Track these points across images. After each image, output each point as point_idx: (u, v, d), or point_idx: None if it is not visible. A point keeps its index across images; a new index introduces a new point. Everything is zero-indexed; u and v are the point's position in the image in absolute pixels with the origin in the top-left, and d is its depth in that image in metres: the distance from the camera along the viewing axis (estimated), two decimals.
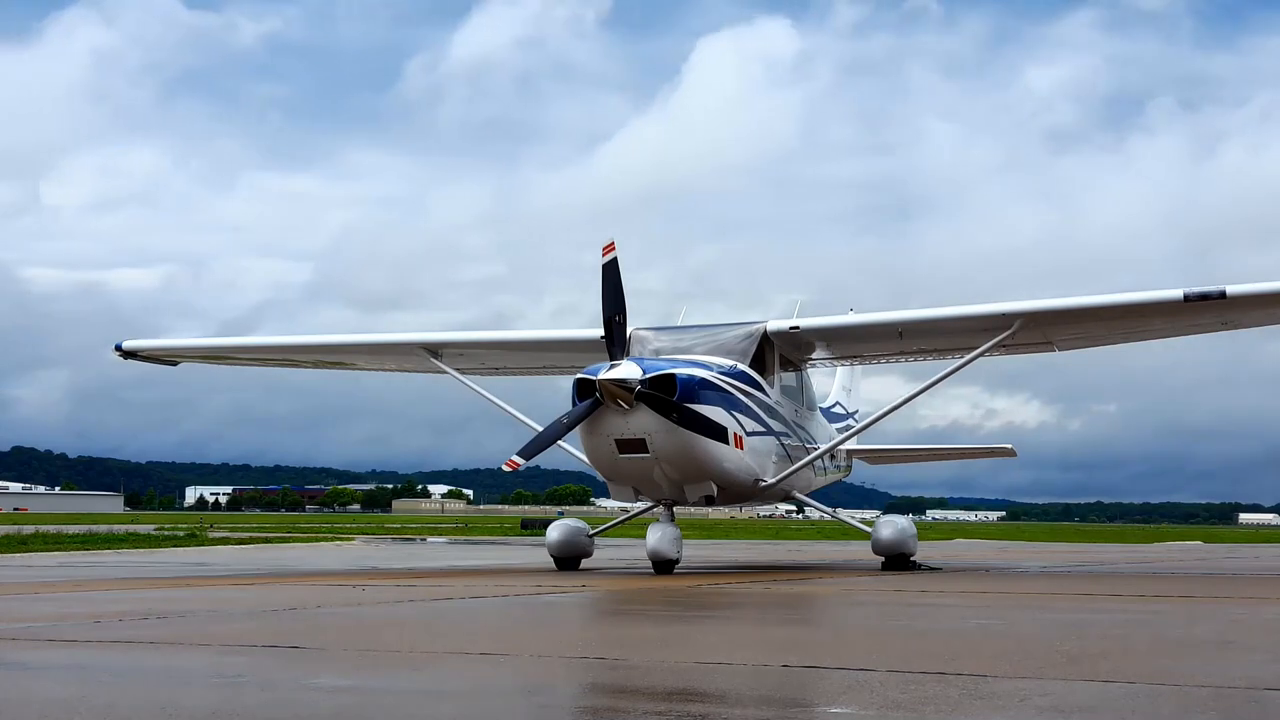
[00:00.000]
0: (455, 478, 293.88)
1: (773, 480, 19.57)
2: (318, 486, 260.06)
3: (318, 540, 38.06)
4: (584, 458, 18.45)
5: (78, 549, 27.95)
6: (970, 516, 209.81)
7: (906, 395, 21.61)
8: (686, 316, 21.24)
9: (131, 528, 46.59)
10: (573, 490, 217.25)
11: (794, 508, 32.65)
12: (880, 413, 22.75)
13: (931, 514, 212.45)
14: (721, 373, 18.23)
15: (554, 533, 20.09)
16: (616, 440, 17.15)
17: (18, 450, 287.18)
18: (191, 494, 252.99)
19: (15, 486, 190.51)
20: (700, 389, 17.44)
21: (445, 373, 22.57)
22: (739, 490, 19.11)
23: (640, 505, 20.53)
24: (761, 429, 19.16)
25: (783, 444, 20.15)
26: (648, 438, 17.03)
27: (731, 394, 18.21)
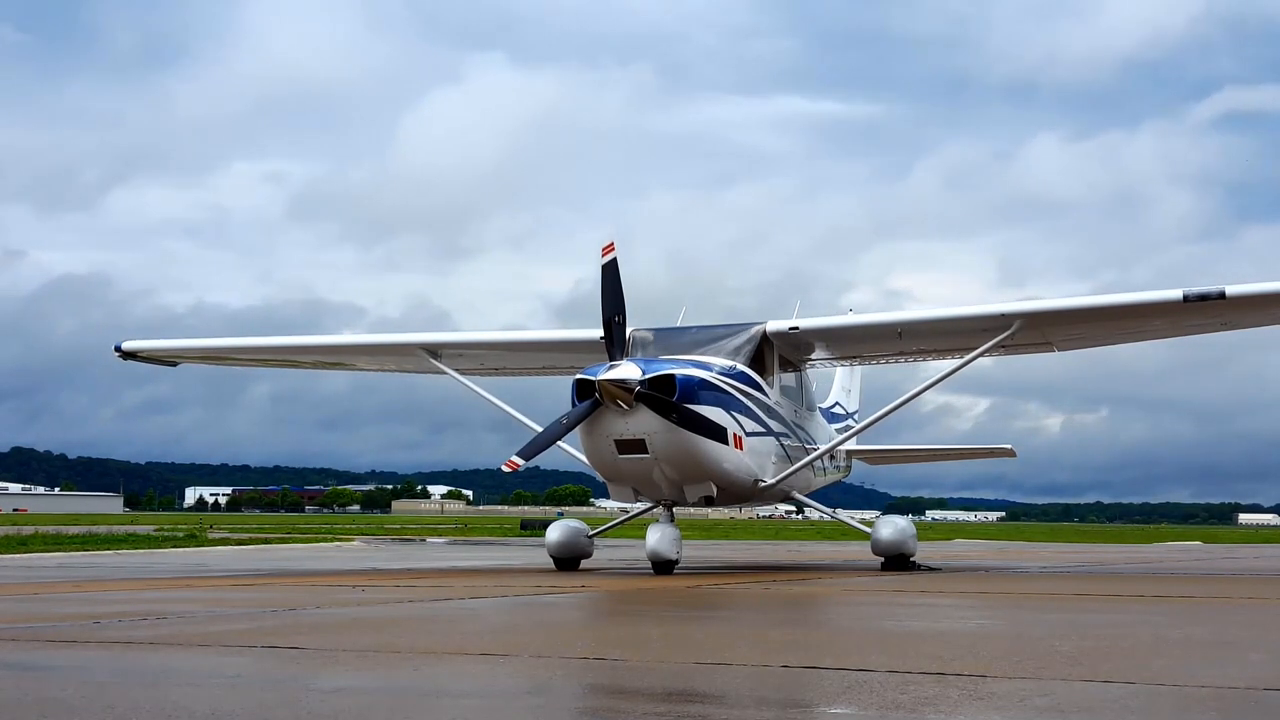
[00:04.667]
0: (455, 478, 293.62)
1: (772, 481, 19.57)
2: (317, 487, 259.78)
3: (318, 541, 38.04)
4: (584, 458, 18.44)
5: (77, 549, 27.93)
6: (970, 517, 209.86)
7: (906, 395, 21.62)
8: (686, 317, 21.25)
9: (131, 528, 46.55)
10: (572, 490, 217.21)
11: (793, 508, 32.56)
12: (880, 413, 22.72)
13: (931, 514, 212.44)
14: (721, 373, 18.23)
15: (553, 533, 20.08)
16: (616, 441, 17.15)
17: (17, 450, 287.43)
18: (191, 494, 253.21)
19: (15, 487, 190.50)
20: (700, 389, 17.44)
21: (445, 373, 22.55)
22: (738, 491, 19.11)
23: (640, 506, 20.52)
24: (761, 429, 19.15)
25: (782, 444, 20.15)
26: (647, 438, 17.02)
27: (731, 394, 18.21)
